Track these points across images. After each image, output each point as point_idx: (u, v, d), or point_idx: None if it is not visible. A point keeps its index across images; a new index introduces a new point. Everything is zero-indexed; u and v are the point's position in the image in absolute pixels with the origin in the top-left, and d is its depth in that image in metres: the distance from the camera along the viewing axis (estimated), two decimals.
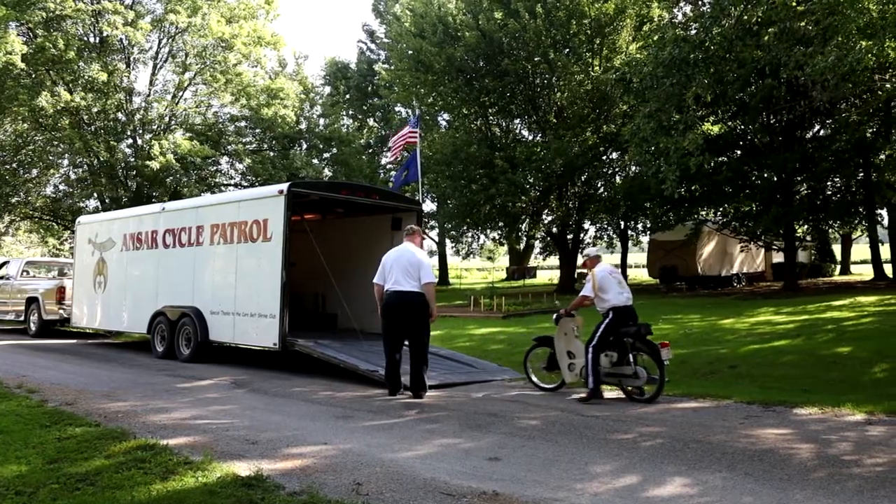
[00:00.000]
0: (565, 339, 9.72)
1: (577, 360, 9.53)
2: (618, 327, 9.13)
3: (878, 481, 5.44)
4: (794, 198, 27.43)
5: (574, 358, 9.60)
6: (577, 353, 9.58)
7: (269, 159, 35.47)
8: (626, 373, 9.08)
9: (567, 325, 9.77)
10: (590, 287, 9.46)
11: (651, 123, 21.69)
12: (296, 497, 5.11)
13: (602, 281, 9.38)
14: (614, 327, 9.13)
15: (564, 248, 36.14)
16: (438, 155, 32.89)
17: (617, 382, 9.26)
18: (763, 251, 38.10)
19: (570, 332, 9.75)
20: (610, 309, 9.22)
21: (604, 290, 9.31)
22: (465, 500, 5.08)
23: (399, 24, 36.40)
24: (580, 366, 9.43)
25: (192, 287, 13.86)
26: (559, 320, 9.85)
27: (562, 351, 9.70)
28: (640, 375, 8.97)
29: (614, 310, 9.19)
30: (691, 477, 5.64)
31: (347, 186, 15.63)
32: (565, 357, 9.66)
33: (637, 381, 9.01)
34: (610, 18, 30.75)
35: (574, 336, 9.74)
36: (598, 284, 9.34)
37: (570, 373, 9.62)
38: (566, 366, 9.63)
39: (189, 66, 34.97)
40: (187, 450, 6.43)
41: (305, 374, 11.67)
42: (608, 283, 9.38)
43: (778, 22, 17.22)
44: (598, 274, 9.46)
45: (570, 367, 9.62)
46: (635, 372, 9.01)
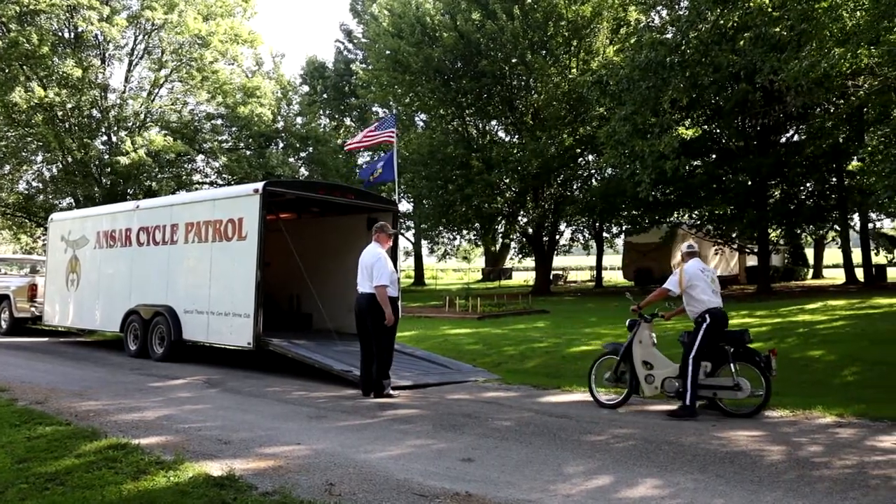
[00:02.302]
0: (641, 348, 8.72)
1: (656, 370, 8.60)
2: (717, 332, 8.26)
3: (847, 483, 5.50)
4: (767, 202, 27.71)
5: (652, 368, 8.63)
6: (655, 364, 8.65)
7: (245, 158, 35.27)
8: (725, 384, 8.16)
9: (643, 331, 8.76)
10: (675, 281, 8.53)
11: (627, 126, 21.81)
12: (268, 497, 5.09)
13: (692, 278, 8.45)
14: (714, 333, 8.25)
15: (540, 249, 36.23)
16: (415, 155, 32.88)
17: (711, 395, 8.26)
18: (737, 254, 38.50)
19: (646, 340, 8.77)
20: (705, 312, 8.30)
21: (693, 289, 8.40)
22: (437, 500, 5.08)
23: (377, 24, 36.34)
24: (660, 378, 8.54)
25: (166, 286, 13.76)
26: (634, 326, 8.83)
27: (637, 360, 8.68)
28: (743, 388, 8.04)
29: (711, 313, 8.28)
30: (663, 478, 5.68)
31: (323, 186, 15.58)
32: (642, 368, 8.65)
33: (738, 393, 8.07)
34: (587, 21, 30.89)
35: (651, 343, 8.80)
36: (688, 281, 8.43)
37: (649, 385, 8.60)
38: (644, 377, 8.62)
39: (165, 63, 34.71)
40: (159, 449, 6.39)
41: (279, 374, 11.62)
42: (699, 280, 8.45)
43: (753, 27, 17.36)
44: (689, 270, 8.54)
45: (649, 378, 8.61)
46: (737, 384, 8.07)
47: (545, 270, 36.96)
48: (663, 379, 8.50)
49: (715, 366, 8.25)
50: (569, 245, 42.95)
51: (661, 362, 8.64)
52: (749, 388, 8.00)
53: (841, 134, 25.71)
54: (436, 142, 32.56)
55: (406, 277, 55.73)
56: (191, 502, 4.96)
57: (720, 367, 8.25)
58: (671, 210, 30.12)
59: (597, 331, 16.35)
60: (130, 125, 33.91)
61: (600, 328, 16.86)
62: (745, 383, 8.02)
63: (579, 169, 34.89)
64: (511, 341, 14.92)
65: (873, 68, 15.96)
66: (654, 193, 24.25)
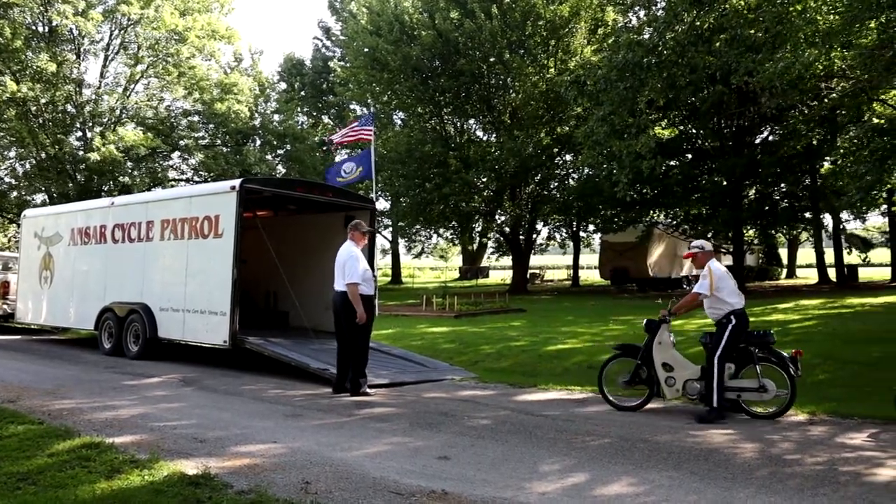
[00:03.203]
0: (661, 349, 8.47)
1: (677, 372, 8.37)
2: (741, 333, 8.08)
3: (819, 479, 5.57)
4: (742, 202, 27.97)
5: (672, 371, 8.39)
6: (675, 365, 8.42)
7: (221, 155, 35.04)
8: (749, 386, 8.00)
9: (663, 332, 8.50)
10: (706, 284, 8.20)
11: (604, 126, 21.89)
12: (243, 496, 5.08)
13: (721, 279, 8.25)
14: (738, 334, 8.07)
15: (517, 248, 36.33)
16: (393, 153, 32.85)
17: (735, 397, 8.06)
18: None
19: (665, 341, 8.50)
20: (730, 313, 8.09)
21: (720, 290, 8.19)
22: (414, 498, 5.09)
23: (355, 22, 36.28)
24: (681, 380, 8.32)
25: (142, 283, 13.66)
26: (654, 326, 8.57)
27: (658, 362, 8.44)
28: (769, 389, 7.89)
29: (735, 314, 8.09)
30: (638, 476, 5.72)
31: (301, 183, 15.53)
32: (661, 370, 8.41)
33: (764, 395, 7.92)
34: (565, 21, 31.00)
35: (671, 345, 8.54)
36: (717, 283, 8.19)
37: (670, 388, 8.36)
38: (664, 380, 8.38)
39: (141, 58, 34.41)
40: (133, 448, 6.35)
41: (256, 373, 11.58)
42: (726, 281, 8.28)
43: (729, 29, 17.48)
44: (717, 271, 8.30)
45: (669, 381, 8.37)
46: (762, 385, 7.91)
47: (522, 269, 37.07)
48: (685, 381, 8.32)
49: (738, 367, 8.13)
50: (545, 244, 43.12)
51: (682, 364, 8.44)
52: (774, 389, 7.89)
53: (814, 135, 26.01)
54: (413, 140, 32.55)
55: (383, 276, 55.69)
56: (165, 501, 4.94)
57: (744, 369, 8.14)
58: (647, 209, 30.33)
59: (573, 329, 16.43)
60: (106, 121, 33.59)
61: (577, 327, 16.94)
62: (770, 384, 7.90)
63: (556, 168, 35.03)
64: (488, 340, 14.95)
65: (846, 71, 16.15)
66: (631, 193, 24.39)
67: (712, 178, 28.63)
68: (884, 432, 7.24)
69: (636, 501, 5.11)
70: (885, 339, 12.43)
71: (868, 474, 5.73)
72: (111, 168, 31.41)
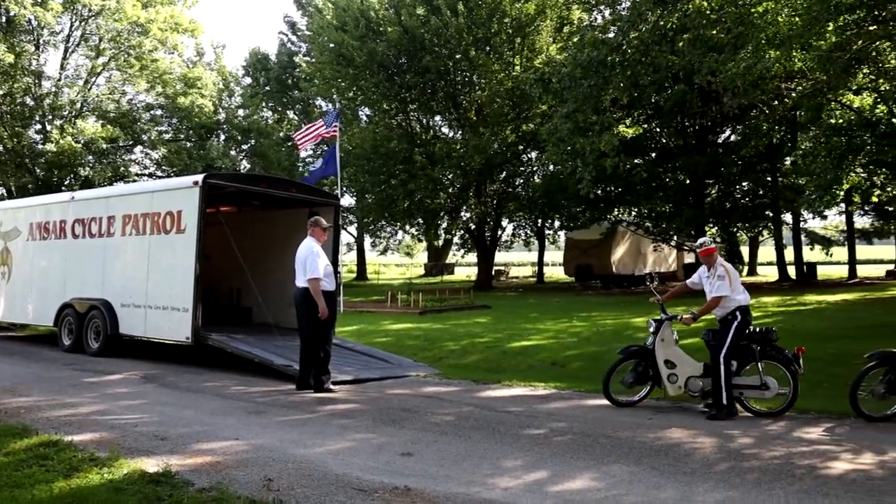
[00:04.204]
0: (664, 346, 8.46)
1: (679, 369, 8.34)
2: (745, 330, 8.07)
3: (775, 473, 5.68)
4: (704, 200, 28.30)
5: (674, 367, 8.37)
6: (678, 362, 8.39)
7: (184, 149, 34.64)
8: (752, 383, 8.00)
9: (665, 329, 8.48)
10: (727, 285, 8.08)
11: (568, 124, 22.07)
12: (205, 493, 5.05)
13: (736, 276, 8.19)
14: (743, 331, 8.04)
15: (482, 245, 36.43)
16: (358, 149, 32.77)
17: (737, 394, 8.02)
18: (675, 252, 39.22)
19: (668, 338, 8.49)
20: (736, 309, 8.05)
21: (733, 287, 8.13)
22: (376, 495, 5.10)
23: (321, 17, 36.08)
24: (683, 377, 8.31)
25: (102, 279, 13.49)
26: (659, 325, 8.53)
27: (660, 359, 8.41)
28: (771, 386, 7.89)
29: (741, 310, 8.05)
30: (599, 471, 5.78)
31: (265, 179, 15.43)
32: (664, 367, 8.38)
33: (766, 392, 7.91)
34: (531, 19, 31.13)
35: (673, 342, 8.52)
36: (734, 281, 8.12)
37: (672, 385, 8.33)
38: (666, 376, 8.35)
39: (103, 50, 33.88)
40: (93, 446, 6.27)
41: (218, 369, 11.49)
42: (737, 278, 8.20)
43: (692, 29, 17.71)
44: (731, 267, 8.24)
45: (671, 377, 8.34)
46: (764, 383, 7.91)
47: (487, 266, 37.19)
48: (687, 378, 8.31)
49: (741, 364, 8.11)
50: (511, 241, 43.27)
51: (685, 361, 8.41)
52: (776, 387, 7.88)
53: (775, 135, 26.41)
54: (379, 136, 32.49)
55: (348, 272, 55.51)
56: (125, 500, 4.89)
57: (746, 366, 8.12)
58: (611, 207, 30.59)
59: (538, 326, 16.52)
60: (66, 114, 33.06)
61: (541, 323, 17.04)
62: (772, 382, 7.90)
63: (522, 166, 35.19)
64: (452, 336, 14.99)
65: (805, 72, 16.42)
66: (595, 191, 24.59)
67: (676, 177, 28.96)
68: (839, 427, 7.39)
69: (597, 496, 5.16)
70: (841, 336, 12.67)
71: (823, 467, 5.85)
72: (70, 161, 30.89)
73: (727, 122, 28.43)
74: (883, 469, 5.80)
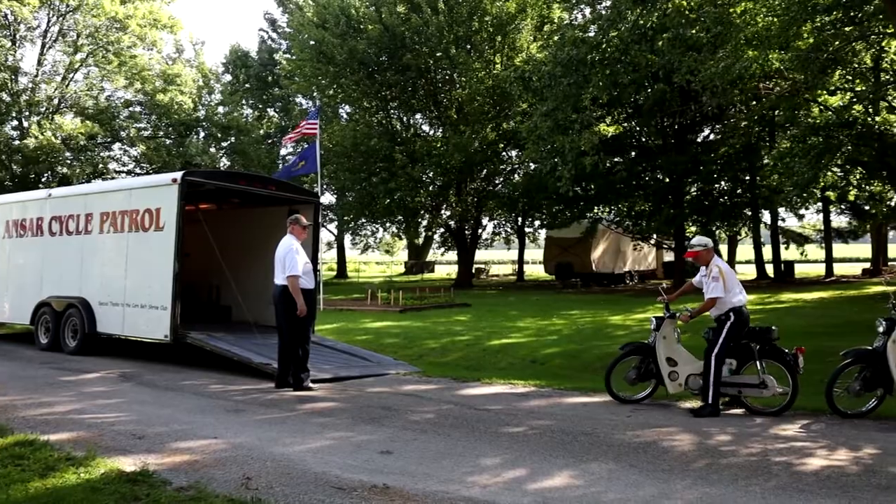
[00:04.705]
0: (665, 344, 8.46)
1: (680, 367, 8.36)
2: (741, 330, 8.07)
3: (752, 469, 5.73)
4: (684, 199, 28.45)
5: (676, 365, 8.38)
6: (679, 360, 8.40)
7: (164, 146, 34.48)
8: (750, 382, 7.98)
9: (667, 327, 8.48)
10: (720, 287, 8.08)
11: (548, 122, 22.12)
12: (183, 492, 5.02)
13: (731, 276, 8.18)
14: (738, 331, 8.05)
15: (463, 243, 36.47)
16: (338, 147, 32.69)
17: (736, 393, 8.08)
18: (655, 250, 39.45)
19: (669, 336, 8.49)
20: (730, 310, 8.04)
21: (731, 290, 8.12)
22: (355, 493, 5.09)
23: (301, 14, 35.95)
24: (684, 375, 8.32)
25: (80, 277, 13.37)
26: (660, 322, 8.54)
27: (662, 357, 8.42)
28: (769, 385, 7.85)
29: (735, 310, 8.03)
30: (578, 468, 5.80)
31: (244, 176, 15.35)
32: (665, 364, 8.39)
33: (764, 391, 7.89)
34: (511, 17, 31.19)
35: (675, 340, 8.54)
36: (729, 282, 8.10)
37: (673, 382, 8.34)
38: (667, 374, 8.35)
39: (80, 46, 33.63)
40: (69, 445, 6.22)
41: (197, 368, 11.43)
42: (733, 279, 8.20)
43: (671, 28, 17.80)
44: (726, 269, 8.23)
45: (672, 375, 8.35)
46: (762, 381, 7.88)
47: (467, 264, 37.23)
48: (687, 376, 8.31)
49: (740, 363, 8.11)
50: (491, 239, 43.34)
51: (686, 359, 8.42)
52: (775, 385, 7.85)
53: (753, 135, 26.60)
54: (359, 134, 32.44)
55: (328, 270, 55.35)
56: (102, 499, 4.85)
57: (746, 365, 8.12)
58: (591, 205, 30.68)
59: (517, 324, 16.57)
60: (43, 110, 32.77)
61: (521, 321, 17.09)
62: (770, 381, 7.86)
63: (502, 164, 35.23)
64: (432, 334, 15.01)
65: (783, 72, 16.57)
66: (575, 189, 24.66)
67: (655, 176, 29.11)
68: (815, 423, 7.45)
69: (576, 494, 5.18)
70: (818, 333, 12.79)
71: (799, 464, 5.90)
72: (48, 157, 30.64)
73: (706, 122, 28.60)
74: (857, 465, 5.86)
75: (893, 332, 7.44)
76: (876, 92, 19.00)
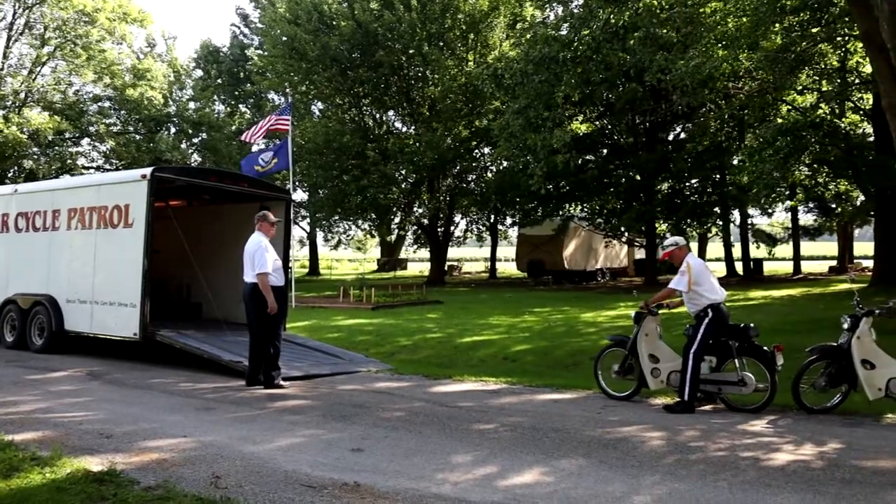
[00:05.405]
0: (647, 341, 8.52)
1: (662, 364, 8.43)
2: (719, 328, 8.10)
3: (720, 465, 5.79)
4: (655, 197, 28.67)
5: (658, 362, 8.45)
6: (661, 357, 8.48)
7: (133, 142, 34.14)
8: (730, 380, 7.99)
9: (649, 324, 8.55)
10: (684, 280, 8.16)
11: (520, 120, 22.18)
12: (151, 492, 4.98)
13: (699, 275, 8.18)
14: (716, 328, 8.09)
15: (435, 240, 36.48)
16: (311, 144, 32.54)
17: (716, 390, 8.12)
18: (626, 247, 39.71)
19: (652, 333, 8.56)
20: (708, 307, 8.07)
21: (700, 284, 8.14)
22: (325, 491, 5.08)
23: (273, 10, 35.77)
24: (666, 371, 8.40)
25: (47, 274, 13.21)
26: (640, 318, 8.60)
27: (643, 354, 8.47)
28: (748, 383, 7.86)
29: (713, 308, 8.07)
30: (549, 465, 5.82)
31: (215, 173, 15.25)
32: (648, 361, 8.45)
33: (743, 389, 7.90)
34: (484, 15, 31.21)
35: (657, 336, 8.61)
36: (696, 278, 8.13)
37: (655, 379, 8.41)
38: (649, 371, 8.42)
39: (48, 39, 33.21)
40: (35, 445, 6.14)
41: (167, 366, 11.34)
42: (704, 276, 8.24)
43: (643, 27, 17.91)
44: (696, 266, 8.24)
45: (654, 372, 8.41)
46: (741, 379, 7.89)
47: (440, 261, 37.24)
48: (669, 372, 8.36)
49: (720, 360, 8.12)
50: (463, 237, 43.39)
51: (668, 355, 8.48)
52: (754, 383, 7.84)
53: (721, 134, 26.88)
54: (332, 131, 32.31)
55: (301, 267, 55.12)
56: (68, 499, 4.79)
57: (725, 362, 8.12)
58: (563, 203, 30.82)
59: (489, 321, 16.60)
60: (10, 104, 32.29)
61: (493, 318, 17.12)
62: (749, 378, 7.86)
63: (474, 161, 35.31)
64: (404, 332, 15.00)
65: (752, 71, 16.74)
66: (547, 186, 24.76)
67: (627, 173, 29.29)
68: (782, 419, 7.54)
69: (546, 490, 5.20)
70: (786, 330, 12.93)
71: (766, 459, 5.98)
72: (14, 152, 30.22)
73: (677, 120, 28.83)
74: (822, 460, 5.94)
75: (857, 329, 7.55)
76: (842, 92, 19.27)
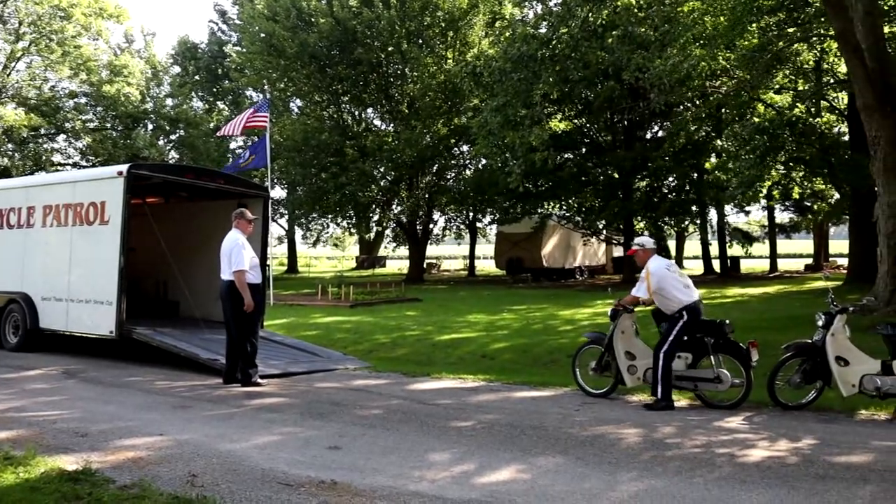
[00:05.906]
0: (623, 338, 8.49)
1: (639, 361, 8.41)
2: (693, 327, 8.08)
3: (696, 461, 5.83)
4: (633, 195, 28.83)
5: (634, 359, 8.43)
6: (637, 354, 8.46)
7: (110, 139, 33.82)
8: (706, 376, 8.02)
9: (625, 321, 8.51)
10: (644, 288, 8.23)
11: (498, 117, 22.21)
12: (126, 491, 4.94)
13: (660, 280, 8.14)
14: (690, 328, 8.07)
15: (414, 238, 36.47)
16: (289, 141, 32.42)
17: (692, 387, 8.15)
18: (604, 245, 39.88)
19: (628, 330, 8.53)
20: (682, 309, 8.05)
21: (663, 290, 8.12)
22: (302, 489, 5.07)
23: (251, 6, 35.57)
24: (642, 368, 8.37)
25: (22, 272, 13.07)
26: (616, 315, 8.54)
27: (620, 351, 8.45)
28: (724, 379, 7.89)
29: (688, 309, 8.04)
30: (526, 462, 5.84)
31: (192, 170, 15.15)
32: (624, 358, 8.42)
33: (719, 385, 7.93)
34: (463, 13, 31.23)
35: (633, 333, 8.58)
36: (656, 284, 8.13)
37: (631, 376, 8.40)
38: (626, 368, 8.40)
39: (22, 34, 32.81)
40: (8, 444, 6.08)
41: (144, 364, 11.26)
42: (667, 281, 8.17)
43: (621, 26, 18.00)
44: (655, 272, 8.21)
45: (631, 369, 8.40)
46: (717, 375, 7.92)
47: (419, 259, 37.24)
48: (646, 369, 8.33)
49: (695, 357, 8.14)
50: (442, 234, 43.40)
51: (644, 352, 8.46)
52: (730, 379, 7.88)
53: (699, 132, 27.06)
54: (310, 128, 32.23)
55: (279, 265, 54.91)
56: (41, 499, 4.74)
57: (701, 359, 8.13)
58: (542, 201, 30.92)
59: (468, 319, 16.62)
60: None
61: (471, 316, 17.14)
62: (725, 375, 7.89)
63: (453, 159, 35.34)
64: (383, 329, 14.98)
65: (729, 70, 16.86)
66: (526, 184, 24.82)
67: (605, 171, 29.43)
68: (757, 415, 7.61)
69: (523, 487, 5.21)
70: (762, 327, 13.02)
71: (741, 455, 6.02)
72: None
73: (655, 119, 28.99)
74: (797, 456, 6.00)
75: (832, 326, 7.63)
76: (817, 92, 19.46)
